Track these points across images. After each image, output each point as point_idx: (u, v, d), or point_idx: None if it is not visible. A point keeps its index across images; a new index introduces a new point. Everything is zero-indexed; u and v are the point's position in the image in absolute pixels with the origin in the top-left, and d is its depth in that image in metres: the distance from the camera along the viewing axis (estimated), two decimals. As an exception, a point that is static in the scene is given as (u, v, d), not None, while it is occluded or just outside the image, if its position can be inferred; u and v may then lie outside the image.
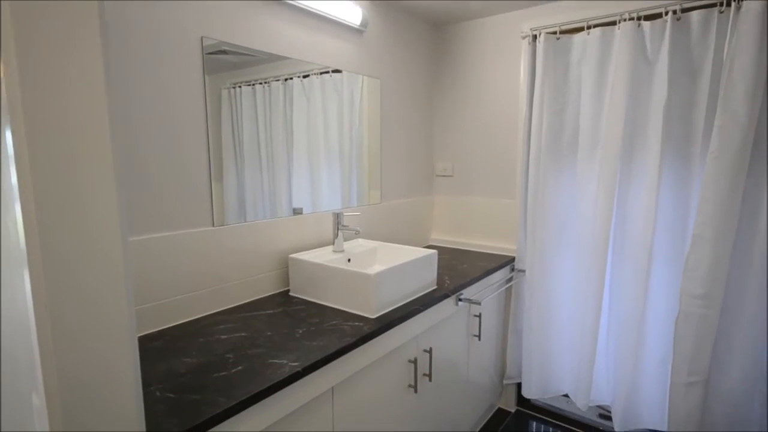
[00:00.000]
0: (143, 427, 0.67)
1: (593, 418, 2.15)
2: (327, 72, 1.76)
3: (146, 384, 0.93)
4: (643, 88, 1.74)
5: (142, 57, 1.20)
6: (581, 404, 1.98)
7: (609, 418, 1.99)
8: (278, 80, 1.57)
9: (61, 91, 0.55)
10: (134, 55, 1.18)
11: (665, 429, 1.77)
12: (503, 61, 2.17)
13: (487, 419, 2.23)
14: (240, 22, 1.43)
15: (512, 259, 2.17)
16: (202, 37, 1.32)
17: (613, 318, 1.91)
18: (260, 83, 1.52)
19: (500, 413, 2.29)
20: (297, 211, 1.69)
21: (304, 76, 1.67)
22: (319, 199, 1.79)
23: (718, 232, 1.55)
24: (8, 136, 0.52)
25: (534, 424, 2.22)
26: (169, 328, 1.28)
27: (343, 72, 1.84)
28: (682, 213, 1.73)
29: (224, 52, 1.39)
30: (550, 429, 2.17)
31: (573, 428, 2.15)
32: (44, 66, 0.53)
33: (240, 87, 1.45)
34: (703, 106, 1.63)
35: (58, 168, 0.55)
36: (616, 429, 1.91)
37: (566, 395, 2.12)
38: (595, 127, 1.87)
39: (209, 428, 0.86)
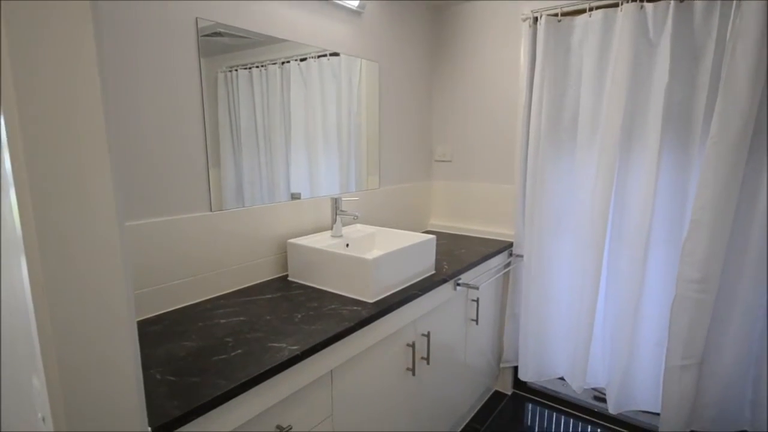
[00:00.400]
0: (144, 410, 0.68)
1: (588, 401, 2.19)
2: (325, 55, 1.74)
3: (146, 367, 0.94)
4: (645, 71, 1.72)
5: (134, 39, 1.17)
6: (576, 387, 2.01)
7: (603, 401, 2.03)
8: (275, 64, 1.55)
9: (55, 77, 0.54)
10: (125, 37, 1.16)
11: (659, 411, 1.81)
12: (503, 43, 2.14)
13: (484, 402, 2.26)
14: (236, 3, 1.40)
15: (510, 245, 2.18)
16: (196, 18, 1.30)
17: (609, 302, 1.93)
18: (257, 67, 1.49)
19: (497, 396, 2.33)
20: (295, 196, 1.69)
21: (302, 60, 1.65)
22: (318, 184, 1.79)
23: (716, 217, 1.55)
24: (2, 121, 0.52)
25: (530, 406, 2.26)
26: (168, 312, 1.29)
27: (341, 55, 1.81)
28: (681, 198, 1.73)
29: (220, 34, 1.37)
30: (546, 411, 2.21)
31: (568, 410, 2.19)
32: (37, 52, 0.52)
33: (236, 70, 1.43)
34: (704, 91, 1.62)
35: (53, 154, 0.54)
36: (610, 411, 1.94)
37: (562, 378, 2.15)
38: (595, 112, 1.86)
39: (209, 410, 0.87)
